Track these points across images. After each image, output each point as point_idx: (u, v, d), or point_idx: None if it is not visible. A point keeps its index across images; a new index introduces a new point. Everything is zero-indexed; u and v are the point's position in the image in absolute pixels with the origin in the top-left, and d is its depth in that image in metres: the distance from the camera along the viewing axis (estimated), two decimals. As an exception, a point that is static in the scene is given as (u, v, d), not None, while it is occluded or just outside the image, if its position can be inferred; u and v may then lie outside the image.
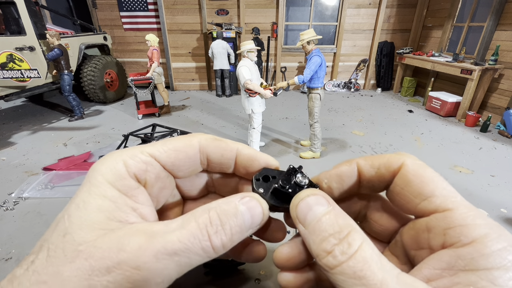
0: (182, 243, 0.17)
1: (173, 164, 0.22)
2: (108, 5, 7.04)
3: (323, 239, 0.18)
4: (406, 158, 0.21)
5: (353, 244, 0.17)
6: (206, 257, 0.18)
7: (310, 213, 0.20)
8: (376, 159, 0.22)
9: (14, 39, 4.69)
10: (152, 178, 0.21)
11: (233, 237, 0.19)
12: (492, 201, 2.93)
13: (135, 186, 0.20)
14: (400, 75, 7.27)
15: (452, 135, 4.66)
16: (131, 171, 0.20)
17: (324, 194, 0.21)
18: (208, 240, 0.18)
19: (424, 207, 0.19)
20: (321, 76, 3.45)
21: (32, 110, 5.99)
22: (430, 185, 0.19)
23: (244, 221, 0.20)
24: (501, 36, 4.93)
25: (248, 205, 0.20)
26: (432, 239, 0.18)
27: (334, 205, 0.20)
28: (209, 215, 0.19)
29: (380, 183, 0.22)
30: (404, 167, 0.21)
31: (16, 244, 2.34)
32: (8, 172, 3.47)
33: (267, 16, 7.08)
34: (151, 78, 5.10)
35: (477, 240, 0.16)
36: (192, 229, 0.18)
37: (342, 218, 0.19)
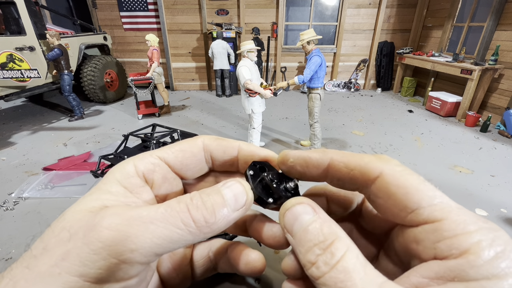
0: (159, 213, 0.18)
1: (181, 164, 0.23)
2: (108, 5, 7.04)
3: (308, 250, 0.18)
4: (385, 166, 0.19)
5: (335, 254, 0.17)
6: (188, 232, 0.18)
7: (296, 222, 0.20)
8: (353, 160, 0.21)
9: (14, 39, 4.69)
10: (159, 179, 0.22)
11: (216, 214, 0.19)
12: (492, 201, 2.93)
13: (140, 184, 0.21)
14: (400, 75, 7.27)
15: (452, 135, 4.66)
16: (139, 171, 0.22)
17: (310, 202, 0.21)
18: (187, 211, 0.18)
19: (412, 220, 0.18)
20: (321, 76, 3.45)
21: (32, 110, 5.99)
22: (415, 195, 0.18)
23: (226, 199, 0.20)
24: (501, 36, 4.93)
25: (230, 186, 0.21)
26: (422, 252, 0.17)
27: (320, 212, 0.20)
28: (190, 195, 0.20)
29: (351, 185, 0.21)
30: (383, 177, 0.19)
31: (16, 244, 2.34)
32: (8, 172, 3.47)
33: (267, 16, 7.08)
34: (151, 78, 5.10)
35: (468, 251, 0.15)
36: (171, 203, 0.19)
37: (327, 226, 0.19)
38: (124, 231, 0.17)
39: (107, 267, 0.16)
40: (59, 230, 0.17)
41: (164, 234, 0.17)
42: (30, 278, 0.16)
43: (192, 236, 0.18)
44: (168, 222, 0.18)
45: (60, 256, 0.16)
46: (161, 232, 0.17)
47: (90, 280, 0.16)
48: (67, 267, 0.16)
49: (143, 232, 0.17)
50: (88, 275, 0.16)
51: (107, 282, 0.17)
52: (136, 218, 0.17)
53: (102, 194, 0.20)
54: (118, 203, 0.20)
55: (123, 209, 0.18)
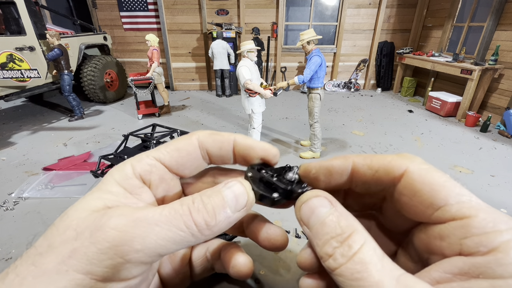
0: (163, 215, 0.18)
1: (177, 163, 0.23)
2: (108, 5, 7.04)
3: (325, 242, 0.18)
4: (409, 163, 0.19)
5: (353, 246, 0.17)
6: (190, 234, 0.18)
7: (313, 215, 0.20)
8: (376, 160, 0.20)
9: (14, 39, 4.69)
10: (156, 179, 0.23)
11: (217, 217, 0.19)
12: (492, 201, 2.93)
13: (139, 185, 0.22)
14: (400, 75, 7.27)
15: (452, 135, 4.66)
16: (136, 172, 0.22)
17: (326, 195, 0.21)
18: (189, 214, 0.19)
19: (439, 217, 0.18)
20: (321, 76, 3.45)
21: (32, 110, 5.99)
22: (442, 192, 0.18)
23: (227, 201, 0.20)
24: (501, 36, 4.93)
25: (231, 187, 0.21)
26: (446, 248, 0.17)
27: (337, 206, 0.20)
28: (192, 197, 0.20)
29: (377, 186, 0.21)
30: (408, 174, 0.19)
31: (16, 244, 2.34)
32: (8, 172, 3.47)
33: (267, 16, 7.08)
34: (151, 78, 5.10)
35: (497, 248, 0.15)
36: (174, 205, 0.19)
37: (344, 219, 0.19)
38: (130, 232, 0.17)
39: (113, 266, 0.17)
40: (64, 228, 0.18)
41: (168, 236, 0.18)
42: (37, 274, 0.16)
43: (194, 238, 0.19)
44: (172, 224, 0.18)
45: (67, 254, 0.17)
46: (165, 234, 0.18)
47: (96, 278, 0.16)
48: (74, 264, 0.16)
49: (148, 234, 0.17)
50: (94, 273, 0.16)
51: (112, 281, 0.17)
52: (141, 219, 0.18)
53: (103, 194, 0.20)
54: (119, 204, 0.20)
55: (128, 210, 0.19)
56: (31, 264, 0.17)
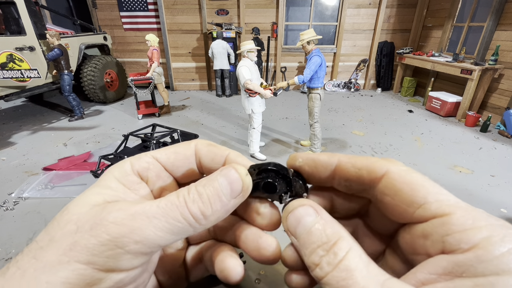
0: (160, 208, 0.19)
1: (173, 165, 0.24)
2: (108, 5, 7.04)
3: (312, 251, 0.19)
4: (391, 165, 0.20)
5: (339, 254, 0.17)
6: (187, 224, 0.19)
7: (299, 225, 0.20)
8: (360, 160, 0.21)
9: (14, 39, 4.69)
10: (153, 176, 0.24)
11: (212, 206, 0.20)
12: (492, 201, 2.93)
13: (137, 181, 0.23)
14: (400, 75, 7.27)
15: (452, 135, 4.66)
16: (135, 169, 0.23)
17: (312, 203, 0.21)
18: (185, 206, 0.19)
19: (420, 215, 0.18)
20: (321, 76, 3.45)
21: (32, 110, 5.99)
22: (421, 191, 0.18)
23: (222, 188, 0.20)
24: (501, 36, 4.93)
25: (225, 174, 0.21)
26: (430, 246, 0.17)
27: (323, 214, 0.20)
28: (188, 188, 0.20)
29: (358, 186, 0.22)
30: (389, 175, 0.19)
31: (16, 244, 2.34)
32: (8, 172, 3.47)
33: (267, 16, 7.08)
34: (151, 78, 5.10)
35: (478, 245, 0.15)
36: (170, 197, 0.20)
37: (330, 227, 0.19)
38: (129, 225, 0.18)
39: (114, 256, 0.17)
40: (65, 222, 0.18)
41: (166, 227, 0.18)
42: (39, 267, 0.17)
43: (192, 228, 0.19)
44: (169, 216, 0.18)
45: (68, 246, 0.17)
46: (163, 226, 0.18)
47: (98, 267, 0.17)
48: (76, 255, 0.17)
49: (146, 226, 0.18)
50: (96, 262, 0.17)
51: (113, 271, 0.17)
52: (139, 213, 0.18)
53: (103, 189, 0.21)
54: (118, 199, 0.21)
55: (126, 204, 0.19)
56: (32, 257, 0.17)
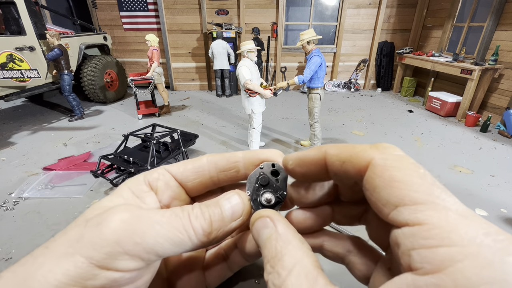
0: (164, 216, 0.19)
1: (182, 174, 0.25)
2: (108, 5, 7.04)
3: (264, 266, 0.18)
4: (376, 154, 0.17)
5: (281, 274, 0.16)
6: (188, 238, 0.19)
7: (259, 238, 0.20)
8: (345, 151, 0.19)
9: (14, 39, 4.69)
10: (162, 186, 0.24)
11: (213, 224, 0.20)
12: (492, 201, 2.93)
13: (146, 190, 0.24)
14: (400, 75, 7.27)
15: (452, 135, 4.66)
16: (146, 180, 0.24)
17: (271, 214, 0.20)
18: (188, 219, 0.20)
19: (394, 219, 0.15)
20: (321, 76, 3.45)
21: (32, 110, 5.99)
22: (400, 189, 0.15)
23: (224, 210, 0.21)
24: (501, 36, 4.93)
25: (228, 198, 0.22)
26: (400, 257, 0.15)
27: (279, 225, 0.19)
28: (192, 206, 0.21)
29: (347, 179, 0.19)
30: (371, 167, 0.17)
31: (16, 244, 2.34)
32: (8, 172, 3.47)
33: (267, 16, 7.08)
34: (151, 78, 5.09)
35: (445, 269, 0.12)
36: (175, 209, 0.21)
37: (282, 240, 0.18)
38: (133, 225, 0.18)
39: (111, 254, 0.17)
40: (81, 220, 0.20)
41: (167, 236, 0.19)
42: (48, 255, 0.18)
43: (191, 243, 0.20)
44: (171, 225, 0.19)
45: (75, 238, 0.18)
46: (164, 233, 0.19)
47: (95, 263, 0.17)
48: (80, 248, 0.17)
49: (149, 229, 0.18)
50: (94, 258, 0.17)
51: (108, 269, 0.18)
52: (145, 216, 0.19)
53: (115, 197, 0.22)
54: None
55: (133, 207, 0.20)
56: (45, 247, 0.18)
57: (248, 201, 0.23)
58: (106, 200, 0.22)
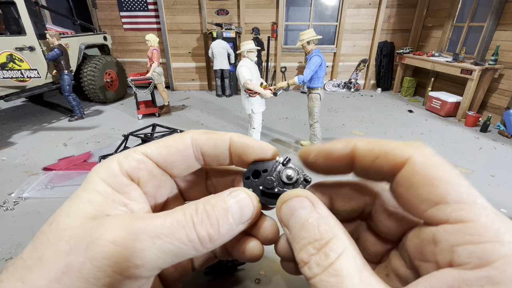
0: (165, 227, 0.17)
1: (165, 161, 0.22)
2: (108, 5, 7.04)
3: (302, 247, 0.17)
4: (415, 152, 0.17)
5: (330, 255, 0.16)
6: (192, 248, 0.17)
7: (292, 217, 0.19)
8: (378, 146, 0.19)
9: (14, 39, 4.69)
10: (145, 176, 0.21)
11: (220, 229, 0.18)
12: (492, 201, 2.92)
13: (127, 183, 0.20)
14: (400, 75, 7.27)
15: (452, 135, 4.66)
16: (123, 169, 0.20)
17: (308, 195, 0.19)
18: (193, 227, 0.17)
19: (432, 216, 0.16)
20: (321, 76, 3.45)
21: (32, 110, 5.99)
22: (442, 187, 0.15)
23: (232, 213, 0.19)
24: (501, 36, 4.93)
25: (237, 198, 0.20)
26: (438, 254, 0.15)
27: (319, 207, 0.18)
28: (195, 206, 0.19)
29: (376, 175, 0.19)
30: (410, 164, 0.17)
31: (16, 244, 2.34)
32: (8, 172, 3.47)
33: (267, 16, 7.08)
34: (151, 78, 5.10)
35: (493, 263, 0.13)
36: (177, 215, 0.18)
37: (325, 223, 0.17)
38: (130, 246, 0.16)
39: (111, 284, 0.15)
40: (56, 239, 0.16)
41: (169, 249, 0.17)
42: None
43: (195, 251, 0.18)
44: (174, 237, 0.17)
45: (60, 270, 0.15)
46: (167, 247, 0.17)
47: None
48: (69, 283, 0.15)
49: (149, 247, 0.16)
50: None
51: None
52: (142, 231, 0.16)
53: (92, 195, 0.19)
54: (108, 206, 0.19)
55: (127, 219, 0.17)
56: (18, 279, 0.15)
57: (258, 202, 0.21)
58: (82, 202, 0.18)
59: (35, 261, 0.16)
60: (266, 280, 0.32)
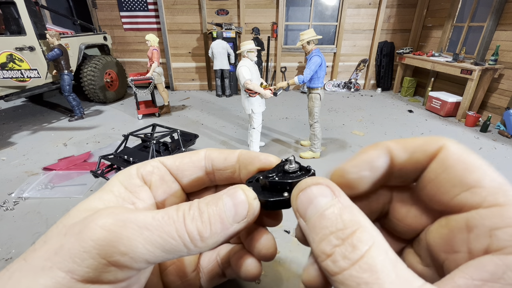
0: (155, 219, 0.17)
1: (178, 168, 0.24)
2: (108, 5, 7.04)
3: (322, 238, 0.16)
4: (446, 141, 0.17)
5: (358, 247, 0.14)
6: (182, 244, 0.17)
7: (311, 206, 0.17)
8: (410, 142, 0.18)
9: (14, 39, 4.69)
10: (156, 180, 0.23)
11: (212, 227, 0.17)
12: (492, 201, 2.93)
13: (139, 184, 0.22)
14: (400, 75, 7.27)
15: (452, 135, 4.66)
16: (139, 173, 0.23)
17: (329, 183, 0.18)
18: (183, 222, 0.17)
19: (465, 200, 0.15)
20: (321, 76, 3.45)
21: (32, 110, 5.99)
22: (475, 172, 0.15)
23: (225, 209, 0.18)
24: (501, 36, 4.93)
25: (232, 194, 0.19)
26: (473, 240, 0.14)
27: (341, 197, 0.17)
28: (190, 203, 0.19)
29: (414, 171, 0.18)
30: (444, 150, 0.17)
31: (16, 244, 2.34)
32: (8, 172, 3.47)
33: (267, 16, 7.08)
34: (151, 78, 5.10)
35: None
36: (169, 211, 0.18)
37: (348, 212, 0.16)
38: (117, 232, 0.16)
39: (95, 267, 0.16)
40: (62, 225, 0.18)
41: (158, 242, 0.16)
42: (25, 269, 0.16)
43: (186, 249, 0.17)
44: (163, 230, 0.17)
45: (53, 250, 0.16)
46: (155, 240, 0.16)
47: (77, 278, 0.15)
48: (58, 261, 0.16)
49: (136, 236, 0.16)
50: (75, 272, 0.15)
51: (95, 283, 0.16)
52: (131, 220, 0.17)
53: (104, 194, 0.21)
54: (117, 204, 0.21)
55: (120, 210, 0.18)
56: (23, 258, 0.17)
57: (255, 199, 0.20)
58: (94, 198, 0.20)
59: (41, 244, 0.17)
60: (266, 280, 0.32)
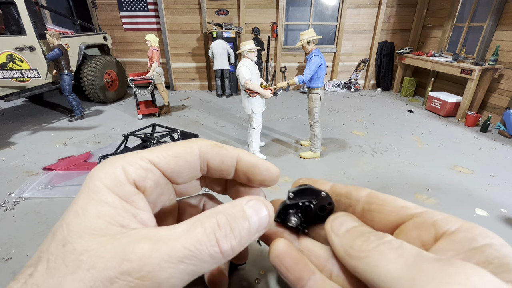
0: (188, 250, 0.16)
1: (173, 171, 0.22)
2: (108, 5, 7.04)
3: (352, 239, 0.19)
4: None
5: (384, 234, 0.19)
6: (213, 263, 0.17)
7: (343, 225, 0.21)
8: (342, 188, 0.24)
9: (14, 39, 4.69)
10: (151, 186, 0.21)
11: (241, 241, 0.18)
12: (492, 201, 2.93)
13: (134, 192, 0.20)
14: (400, 75, 7.27)
15: (452, 135, 4.66)
16: (130, 178, 0.19)
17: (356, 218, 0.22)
18: (217, 245, 0.17)
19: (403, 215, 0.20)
20: (321, 76, 3.45)
21: (32, 110, 5.99)
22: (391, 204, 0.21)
23: (251, 224, 0.19)
24: (501, 36, 4.93)
25: (255, 208, 0.20)
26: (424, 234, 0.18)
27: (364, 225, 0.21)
28: (216, 219, 0.18)
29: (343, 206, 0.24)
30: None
31: (16, 244, 2.34)
32: (8, 172, 3.47)
33: (267, 16, 7.08)
34: (151, 78, 5.10)
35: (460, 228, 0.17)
36: (198, 234, 0.17)
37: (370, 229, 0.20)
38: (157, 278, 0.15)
39: None
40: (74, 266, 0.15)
41: (192, 271, 0.16)
42: None
43: (216, 265, 0.18)
44: (197, 259, 0.16)
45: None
46: (190, 270, 0.16)
47: None
48: None
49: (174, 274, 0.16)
50: None
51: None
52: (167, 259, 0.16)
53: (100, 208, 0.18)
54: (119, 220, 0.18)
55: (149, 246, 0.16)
56: None
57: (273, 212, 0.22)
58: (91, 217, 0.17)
59: None
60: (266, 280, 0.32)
